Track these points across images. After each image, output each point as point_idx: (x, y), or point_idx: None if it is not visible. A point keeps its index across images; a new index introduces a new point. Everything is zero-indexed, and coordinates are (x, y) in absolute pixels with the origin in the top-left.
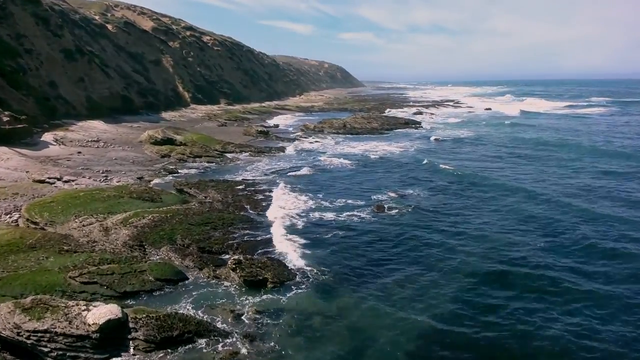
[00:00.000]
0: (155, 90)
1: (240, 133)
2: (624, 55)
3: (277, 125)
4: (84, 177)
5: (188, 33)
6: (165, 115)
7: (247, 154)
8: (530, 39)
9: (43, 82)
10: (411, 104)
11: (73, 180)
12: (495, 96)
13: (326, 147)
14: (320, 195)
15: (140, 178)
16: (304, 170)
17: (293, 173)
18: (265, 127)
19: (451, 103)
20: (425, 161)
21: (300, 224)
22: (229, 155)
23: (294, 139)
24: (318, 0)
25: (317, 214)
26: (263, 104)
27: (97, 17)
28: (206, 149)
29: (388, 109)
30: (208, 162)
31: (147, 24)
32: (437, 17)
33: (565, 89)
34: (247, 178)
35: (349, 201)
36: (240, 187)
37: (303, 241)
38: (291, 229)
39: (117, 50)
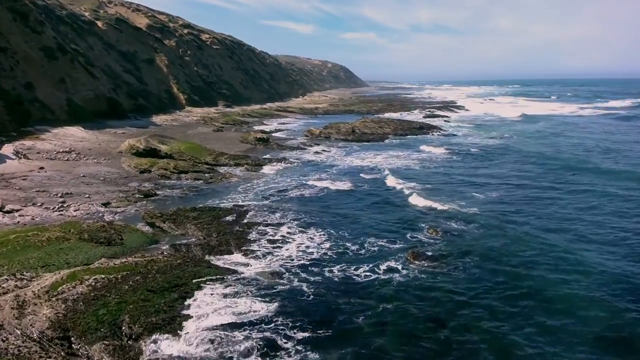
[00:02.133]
0: (147, 92)
1: (237, 140)
2: (628, 55)
3: (278, 130)
4: (34, 204)
5: (185, 31)
6: (156, 119)
7: (243, 167)
8: (533, 38)
9: (18, 84)
10: (420, 105)
11: (17, 210)
12: (506, 97)
13: (335, 158)
14: (333, 233)
15: (106, 204)
16: (310, 192)
17: (297, 195)
18: (266, 132)
19: (462, 104)
20: (459, 179)
21: (309, 288)
22: (221, 169)
23: (297, 148)
24: (320, 0)
25: (335, 270)
26: (264, 106)
27: (86, 14)
28: (194, 161)
29: (398, 112)
30: (195, 179)
31: (141, 21)
32: (439, 17)
33: (574, 89)
34: (240, 203)
35: (373, 242)
36: (230, 218)
37: (317, 332)
38: (298, 301)
39: (106, 49)
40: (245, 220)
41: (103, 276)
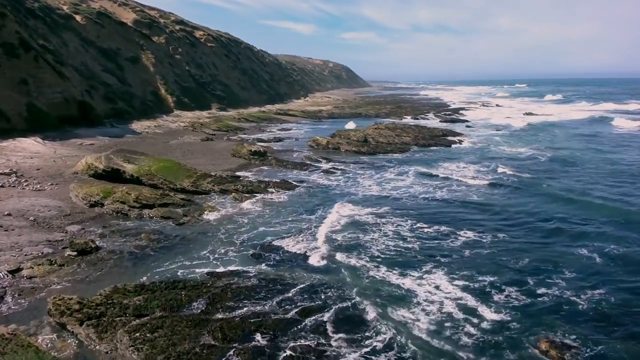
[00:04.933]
0: (130, 94)
1: (227, 153)
2: (631, 54)
3: (278, 139)
4: None
5: (177, 27)
6: (137, 125)
7: (231, 196)
8: (534, 37)
9: None
10: (432, 106)
11: None
12: (520, 97)
13: (352, 181)
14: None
15: (14, 271)
16: (327, 245)
17: (306, 249)
18: (263, 141)
19: (476, 106)
20: (538, 233)
21: None
22: (200, 199)
23: (301, 164)
24: (320, 0)
25: None
26: (262, 109)
27: (65, 7)
28: (168, 187)
29: (410, 115)
30: (163, 216)
31: (128, 16)
32: (440, 17)
33: (581, 90)
34: (218, 270)
35: None
36: (198, 306)
37: None
38: None
39: (84, 46)
40: (222, 314)
41: None
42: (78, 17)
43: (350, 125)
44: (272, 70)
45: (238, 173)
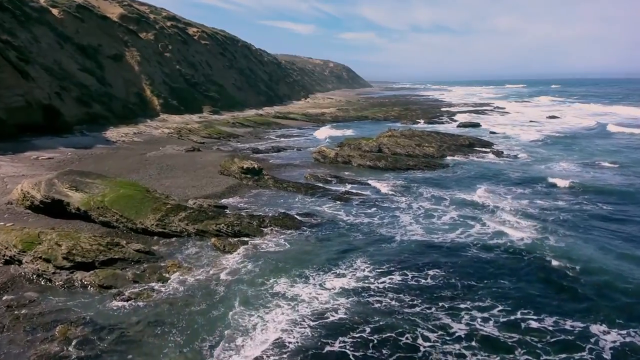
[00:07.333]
0: (109, 96)
1: (215, 169)
2: (631, 54)
3: (277, 149)
4: None
5: (169, 23)
6: (112, 133)
7: (211, 242)
8: (533, 37)
9: None
10: (444, 110)
11: None
12: (532, 98)
13: (380, 213)
14: None
15: None
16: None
17: None
18: (259, 152)
19: (490, 108)
20: None
21: None
22: (167, 247)
23: (305, 187)
24: (319, 0)
25: None
26: (260, 111)
27: (41, 0)
28: (124, 226)
29: (422, 119)
30: (102, 286)
31: (114, 11)
32: (438, 17)
33: (591, 90)
34: None
35: None
36: None
37: None
38: None
39: (59, 42)
40: None
41: None
42: (55, 11)
43: (322, 132)
44: (271, 70)
45: (225, 200)
